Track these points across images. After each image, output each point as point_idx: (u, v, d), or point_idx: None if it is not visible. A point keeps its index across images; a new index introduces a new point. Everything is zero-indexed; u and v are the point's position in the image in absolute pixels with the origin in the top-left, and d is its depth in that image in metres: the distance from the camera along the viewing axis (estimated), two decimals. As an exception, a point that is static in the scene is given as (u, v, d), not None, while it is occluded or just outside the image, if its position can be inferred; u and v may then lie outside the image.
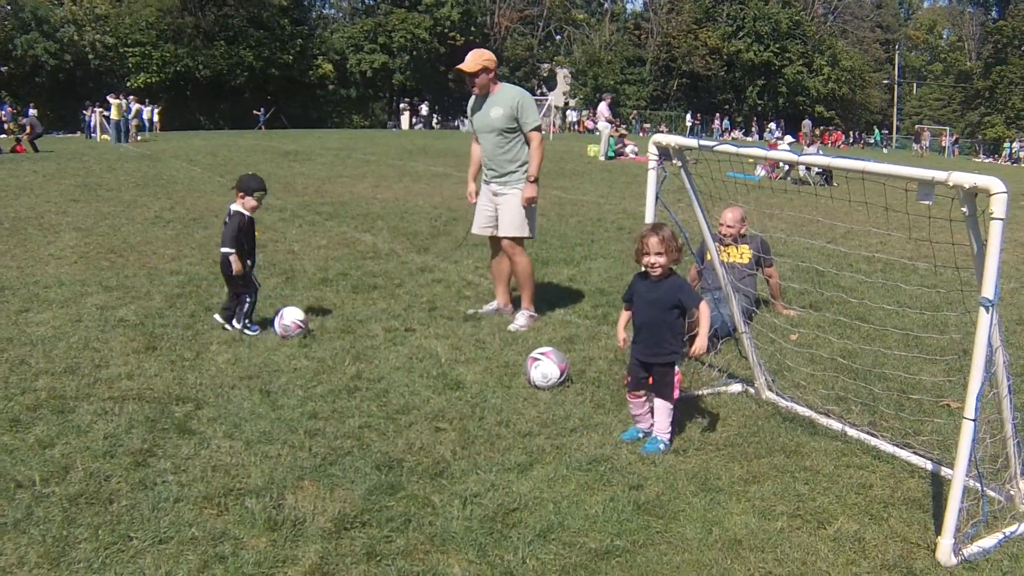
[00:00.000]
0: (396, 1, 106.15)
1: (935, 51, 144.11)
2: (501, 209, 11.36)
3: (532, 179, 11.21)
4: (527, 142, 11.25)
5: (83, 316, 11.12)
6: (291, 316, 10.50)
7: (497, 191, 11.41)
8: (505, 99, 11.17)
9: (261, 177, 11.02)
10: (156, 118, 69.49)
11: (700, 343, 7.63)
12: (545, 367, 8.94)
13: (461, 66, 11.20)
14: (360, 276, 13.99)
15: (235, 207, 10.72)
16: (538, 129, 11.30)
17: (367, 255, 15.98)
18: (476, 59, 11.22)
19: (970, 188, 5.54)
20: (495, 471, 6.95)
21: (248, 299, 10.70)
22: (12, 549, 5.59)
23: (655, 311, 7.74)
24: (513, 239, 11.28)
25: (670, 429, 7.69)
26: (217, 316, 10.85)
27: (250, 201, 10.72)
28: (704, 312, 7.68)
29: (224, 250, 10.57)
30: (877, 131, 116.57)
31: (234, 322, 10.65)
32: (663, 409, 7.66)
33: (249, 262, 10.79)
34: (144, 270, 13.94)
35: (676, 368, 7.72)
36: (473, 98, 11.58)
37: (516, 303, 11.84)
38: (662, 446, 7.56)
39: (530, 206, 11.27)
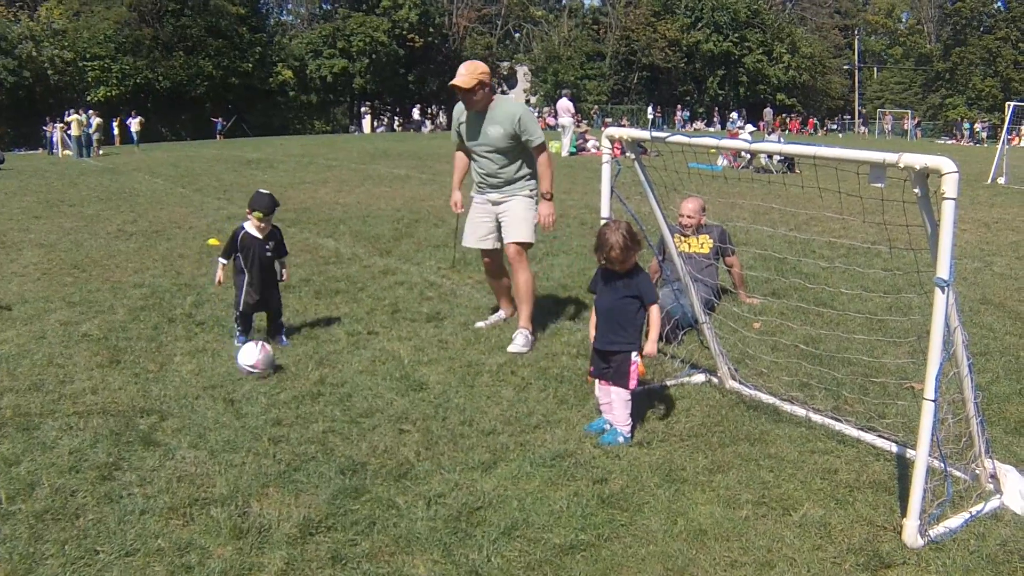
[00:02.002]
0: (353, 5, 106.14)
1: (894, 35, 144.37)
2: (506, 217, 10.82)
3: (549, 197, 10.69)
4: (530, 155, 10.73)
5: (47, 332, 11.07)
6: (243, 360, 9.49)
7: (499, 200, 10.83)
8: (504, 117, 10.51)
9: (270, 195, 10.73)
10: (138, 128, 66.43)
11: (650, 347, 7.71)
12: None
13: (456, 83, 10.32)
14: (323, 281, 13.98)
15: (245, 222, 10.62)
16: (544, 144, 10.72)
17: (329, 260, 15.96)
18: (471, 74, 10.32)
19: (921, 169, 5.55)
20: (459, 470, 6.96)
21: (236, 310, 10.67)
22: (-22, 567, 5.56)
23: (615, 299, 7.82)
24: (521, 246, 10.77)
25: (629, 421, 7.72)
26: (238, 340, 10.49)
27: (254, 219, 10.49)
28: (655, 315, 7.74)
29: (219, 259, 10.72)
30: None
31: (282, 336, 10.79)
32: (619, 400, 7.70)
33: (248, 278, 10.51)
34: (107, 284, 13.88)
35: (634, 358, 7.74)
36: (463, 109, 10.81)
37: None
38: (621, 438, 7.61)
39: (530, 213, 10.77)
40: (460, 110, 10.83)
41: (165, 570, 5.52)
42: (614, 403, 7.75)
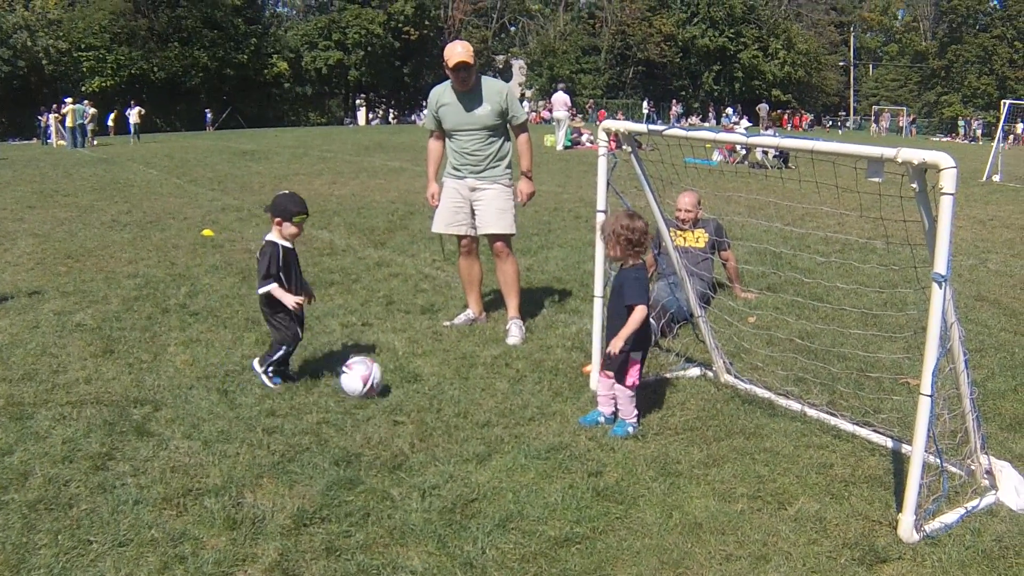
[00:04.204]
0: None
1: (890, 32, 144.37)
2: (482, 206, 10.75)
3: (530, 174, 10.84)
4: (510, 137, 10.85)
5: (40, 322, 11.04)
6: (350, 388, 8.46)
7: (475, 186, 10.74)
8: (491, 94, 10.56)
9: (301, 197, 9.09)
10: (137, 120, 61.85)
11: (613, 343, 7.70)
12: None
13: (464, 59, 10.17)
14: (317, 272, 13.96)
15: (270, 236, 8.93)
16: (527, 124, 10.96)
17: (324, 252, 15.98)
18: (469, 50, 10.27)
19: (919, 164, 5.54)
20: (453, 462, 6.95)
21: (283, 348, 8.89)
22: (-29, 557, 5.54)
23: (612, 298, 7.92)
24: (504, 239, 10.75)
25: (635, 413, 7.75)
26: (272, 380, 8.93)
27: (289, 228, 8.87)
28: (634, 316, 7.72)
29: (262, 289, 8.82)
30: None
31: (255, 363, 8.96)
32: (620, 395, 7.75)
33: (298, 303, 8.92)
34: (101, 274, 13.85)
35: (633, 357, 7.77)
36: (443, 91, 10.76)
37: (489, 307, 11.63)
38: (631, 429, 7.66)
39: (509, 203, 10.78)
40: (439, 93, 10.80)
41: (158, 560, 5.50)
42: (618, 399, 7.80)
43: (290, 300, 8.72)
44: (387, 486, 6.55)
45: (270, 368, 8.83)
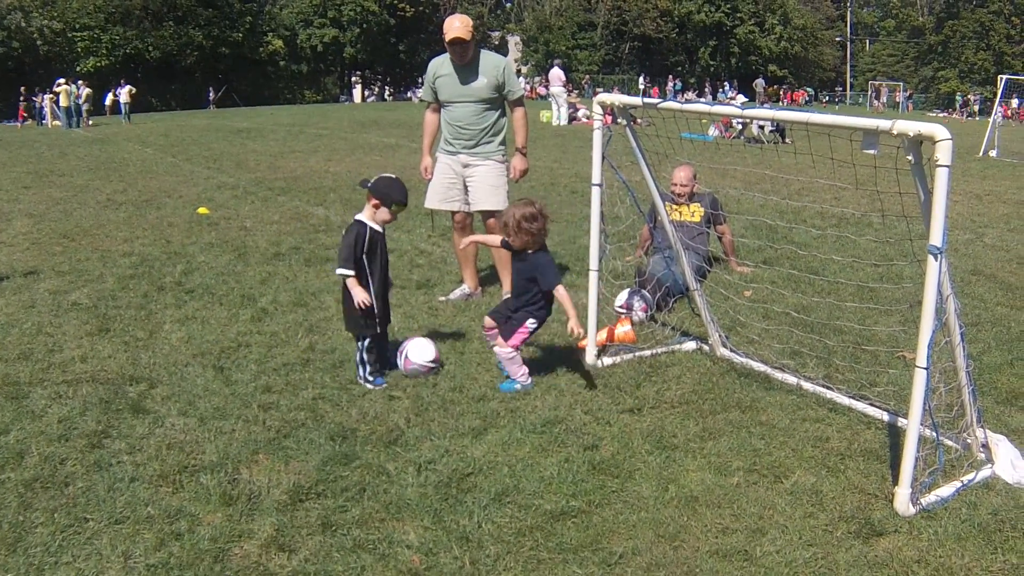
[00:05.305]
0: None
1: (887, 7, 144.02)
2: (475, 182, 10.81)
3: (524, 151, 10.88)
4: (505, 113, 10.88)
5: (36, 302, 11.03)
6: (419, 356, 8.44)
7: (468, 162, 10.79)
8: (488, 67, 10.59)
9: (405, 187, 8.74)
10: (128, 99, 59.82)
11: (571, 324, 7.92)
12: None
13: (460, 35, 10.17)
14: (313, 249, 13.97)
15: (361, 216, 8.61)
16: (522, 99, 10.99)
17: (319, 228, 15.98)
18: (466, 26, 10.31)
19: (915, 136, 5.53)
20: (449, 437, 6.98)
21: (367, 340, 8.35)
22: (-32, 536, 5.54)
23: (517, 280, 8.38)
24: (497, 215, 10.30)
25: (523, 371, 8.12)
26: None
27: (383, 213, 8.56)
28: (563, 296, 8.07)
29: (340, 271, 8.40)
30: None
31: (359, 375, 8.31)
32: (502, 356, 8.14)
33: (373, 287, 8.42)
34: (96, 253, 13.84)
35: (529, 324, 8.21)
36: (442, 63, 10.78)
37: (485, 282, 11.66)
38: (518, 386, 8.02)
39: (502, 180, 10.82)
40: (437, 64, 10.83)
41: (155, 537, 5.50)
42: (501, 359, 8.15)
43: (360, 297, 8.20)
44: (383, 461, 6.56)
45: (368, 372, 8.29)
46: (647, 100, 7.78)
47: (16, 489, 6.15)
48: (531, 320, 8.13)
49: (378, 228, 8.57)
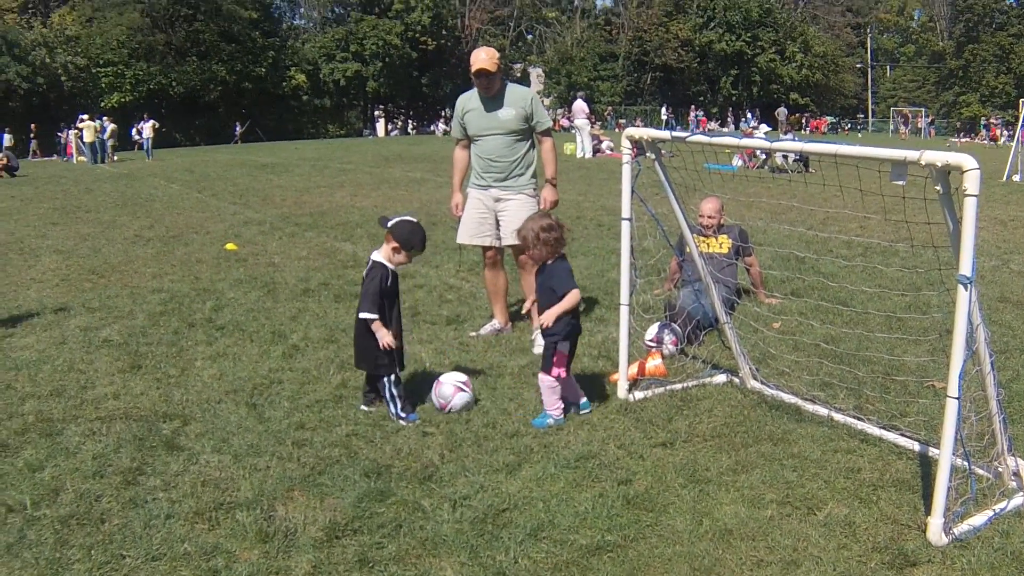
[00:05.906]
0: (366, 8, 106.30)
1: (907, 33, 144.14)
2: (507, 217, 10.66)
3: (555, 182, 10.85)
4: (534, 144, 10.87)
5: (67, 338, 11.09)
6: (449, 379, 8.54)
7: (500, 196, 10.76)
8: (516, 99, 10.63)
9: (425, 232, 8.60)
10: (151, 134, 59.39)
11: (545, 315, 8.09)
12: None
13: (485, 66, 10.28)
14: (342, 285, 13.99)
15: (378, 256, 8.49)
16: (551, 130, 10.97)
17: (348, 264, 16.00)
18: (492, 58, 10.39)
19: (943, 166, 5.56)
20: (483, 473, 6.98)
21: (390, 376, 8.35)
22: (6, 573, 5.59)
23: (540, 292, 8.32)
24: None
25: (558, 405, 8.07)
26: (363, 406, 8.56)
27: (402, 257, 8.41)
28: (568, 297, 8.12)
29: (364, 315, 8.33)
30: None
31: (391, 413, 8.25)
32: (542, 385, 8.09)
33: (392, 326, 8.41)
34: (126, 289, 13.91)
35: (560, 348, 8.08)
36: (469, 98, 10.82)
37: (515, 317, 11.59)
38: (550, 420, 7.99)
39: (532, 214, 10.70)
40: (465, 100, 10.85)
41: (192, 574, 5.54)
42: (541, 389, 8.11)
43: (385, 340, 8.21)
44: (418, 497, 6.57)
45: (400, 408, 8.26)
46: (675, 133, 7.80)
47: (52, 526, 6.17)
48: (561, 343, 8.09)
49: (393, 268, 8.51)
